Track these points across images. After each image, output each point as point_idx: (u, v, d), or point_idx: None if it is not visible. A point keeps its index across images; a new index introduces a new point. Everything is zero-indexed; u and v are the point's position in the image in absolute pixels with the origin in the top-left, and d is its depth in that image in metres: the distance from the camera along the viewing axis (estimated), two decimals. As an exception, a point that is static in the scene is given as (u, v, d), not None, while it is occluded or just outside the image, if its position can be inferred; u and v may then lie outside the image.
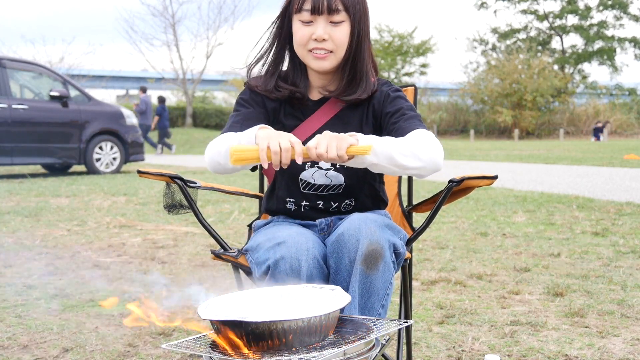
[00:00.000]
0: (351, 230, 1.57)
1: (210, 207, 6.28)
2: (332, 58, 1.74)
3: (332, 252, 1.59)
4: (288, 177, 1.82)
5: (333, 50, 1.73)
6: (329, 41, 1.71)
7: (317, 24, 1.71)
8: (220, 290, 2.91)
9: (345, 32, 1.72)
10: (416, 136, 1.64)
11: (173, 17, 28.24)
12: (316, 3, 1.69)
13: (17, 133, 9.91)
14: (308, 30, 1.72)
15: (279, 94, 1.80)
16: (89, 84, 33.13)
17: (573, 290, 3.08)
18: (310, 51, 1.73)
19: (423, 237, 4.48)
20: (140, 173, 1.87)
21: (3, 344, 2.40)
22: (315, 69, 1.76)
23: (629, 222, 5.08)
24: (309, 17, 1.70)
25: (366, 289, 1.58)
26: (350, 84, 1.78)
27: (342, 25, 1.71)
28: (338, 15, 1.70)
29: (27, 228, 5.14)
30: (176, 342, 1.32)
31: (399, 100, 1.79)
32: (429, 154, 1.60)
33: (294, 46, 1.77)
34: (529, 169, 11.76)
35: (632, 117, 38.11)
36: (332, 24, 1.71)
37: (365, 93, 1.78)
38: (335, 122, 1.81)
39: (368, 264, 1.55)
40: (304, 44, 1.73)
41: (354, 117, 1.82)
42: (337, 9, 1.69)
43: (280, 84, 1.81)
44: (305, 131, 1.80)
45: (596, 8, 44.28)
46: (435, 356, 2.27)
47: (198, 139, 25.29)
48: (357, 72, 1.77)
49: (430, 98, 42.34)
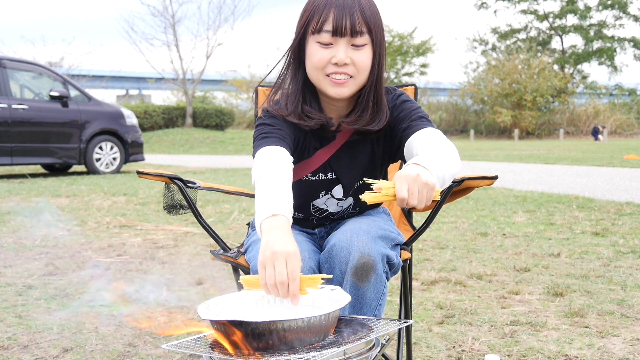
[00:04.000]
0: (342, 242, 1.54)
1: (210, 207, 6.28)
2: (352, 84, 1.60)
3: (324, 262, 1.59)
4: (301, 200, 1.73)
5: (354, 75, 1.59)
6: (351, 65, 1.58)
7: (337, 47, 1.56)
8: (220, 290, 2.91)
9: (368, 56, 1.59)
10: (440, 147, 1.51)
11: (173, 17, 28.22)
12: (339, 24, 1.54)
13: (17, 133, 9.91)
14: (327, 53, 1.57)
15: (308, 122, 1.64)
16: (89, 84, 33.13)
17: (573, 290, 3.08)
18: (328, 75, 1.59)
19: (423, 237, 4.48)
20: (140, 174, 1.87)
21: (3, 344, 2.40)
22: (332, 95, 1.61)
23: (629, 222, 5.08)
24: (329, 39, 1.56)
25: (357, 300, 1.57)
26: (375, 115, 1.65)
27: (364, 49, 1.58)
28: (361, 37, 1.56)
29: (27, 228, 5.14)
30: (176, 342, 1.32)
31: (405, 104, 1.68)
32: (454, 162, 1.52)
33: (308, 69, 1.63)
34: (529, 169, 11.76)
35: (632, 117, 38.13)
36: (353, 47, 1.57)
37: (381, 124, 1.65)
38: (344, 153, 1.72)
39: (359, 276, 1.53)
40: (322, 68, 1.58)
41: (365, 148, 1.72)
42: (361, 31, 1.56)
43: (307, 110, 1.65)
44: (315, 162, 1.72)
45: (596, 8, 44.29)
46: (435, 356, 2.27)
47: (198, 139, 25.28)
48: (379, 100, 1.65)
49: (430, 98, 42.33)
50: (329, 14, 1.55)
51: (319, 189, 1.75)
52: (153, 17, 34.72)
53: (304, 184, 1.74)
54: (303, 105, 1.66)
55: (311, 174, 1.73)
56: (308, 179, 1.73)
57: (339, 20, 1.54)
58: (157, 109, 29.90)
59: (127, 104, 36.51)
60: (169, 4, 28.34)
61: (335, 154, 1.71)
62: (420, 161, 1.39)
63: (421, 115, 1.64)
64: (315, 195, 1.75)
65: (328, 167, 1.73)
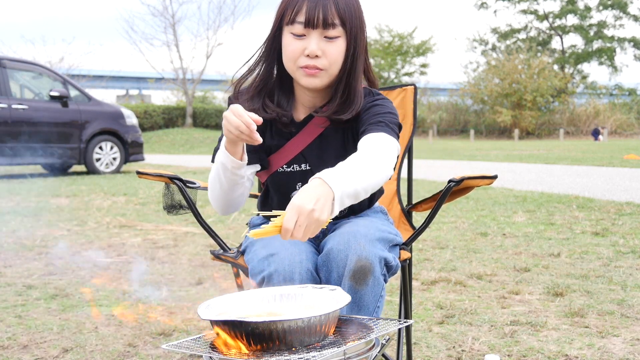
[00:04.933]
0: (340, 246, 1.54)
1: (210, 207, 6.27)
2: (324, 76, 1.62)
3: (322, 265, 1.58)
4: (279, 194, 1.78)
5: (326, 67, 1.61)
6: (323, 57, 1.60)
7: (310, 39, 1.58)
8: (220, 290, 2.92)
9: (341, 49, 1.61)
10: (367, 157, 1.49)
11: (173, 17, 28.23)
12: (311, 15, 1.56)
13: (17, 133, 9.90)
14: (300, 45, 1.59)
15: (266, 115, 1.68)
16: (89, 84, 33.13)
17: (573, 290, 3.08)
18: (301, 67, 1.61)
19: (423, 237, 4.48)
20: (139, 174, 1.87)
21: (3, 344, 2.40)
22: (305, 86, 1.65)
23: (629, 222, 5.08)
24: (301, 31, 1.58)
25: (355, 303, 1.56)
26: (343, 104, 1.67)
27: (337, 41, 1.60)
28: (334, 30, 1.58)
29: (27, 228, 5.14)
30: (176, 342, 1.32)
31: (374, 108, 1.67)
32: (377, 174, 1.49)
33: (284, 60, 1.65)
34: (529, 169, 11.76)
35: (632, 117, 38.13)
36: (326, 39, 1.59)
37: (349, 115, 1.66)
38: (317, 144, 1.73)
39: (357, 279, 1.53)
40: (295, 59, 1.61)
41: (337, 137, 1.73)
42: (333, 23, 1.57)
43: (267, 103, 1.70)
44: (289, 152, 1.74)
45: (596, 8, 44.30)
46: (435, 356, 2.27)
47: (198, 139, 25.29)
48: (350, 91, 1.66)
49: (430, 98, 42.36)
50: (302, 5, 1.58)
51: (295, 180, 1.76)
52: (153, 17, 34.79)
53: (281, 176, 1.76)
54: (265, 98, 1.70)
55: (286, 164, 1.75)
56: (284, 170, 1.75)
57: (311, 12, 1.56)
58: (157, 109, 29.92)
59: (127, 104, 36.53)
60: (169, 4, 28.40)
61: (310, 145, 1.73)
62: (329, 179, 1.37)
63: (380, 120, 1.62)
64: (292, 187, 1.76)
65: (302, 158, 1.74)
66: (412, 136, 2.15)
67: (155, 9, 30.74)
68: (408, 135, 2.15)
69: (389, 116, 1.64)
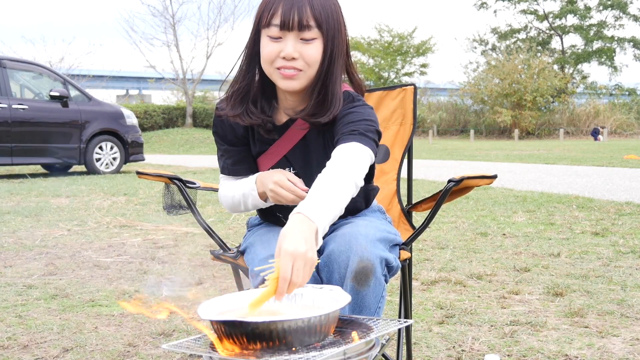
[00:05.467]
0: (341, 247, 1.55)
1: (210, 207, 6.28)
2: (302, 77, 1.61)
3: (323, 266, 1.58)
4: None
5: (303, 69, 1.60)
6: (299, 60, 1.59)
7: (286, 41, 1.58)
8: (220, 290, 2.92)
9: (317, 51, 1.60)
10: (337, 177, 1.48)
11: (173, 17, 28.21)
12: (286, 18, 1.56)
13: (17, 133, 9.91)
14: (276, 47, 1.59)
15: (250, 120, 1.69)
16: (89, 84, 33.11)
17: (573, 290, 3.08)
18: (278, 69, 1.60)
19: (423, 237, 4.48)
20: (139, 174, 1.87)
21: (3, 344, 2.40)
22: (283, 88, 1.64)
23: (628, 222, 5.08)
24: (277, 33, 1.58)
25: (357, 304, 1.57)
26: (319, 106, 1.65)
27: (313, 43, 1.59)
28: (309, 32, 1.58)
29: (27, 228, 5.14)
30: (176, 342, 1.32)
31: (348, 116, 1.64)
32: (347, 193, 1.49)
33: (262, 63, 1.65)
34: (529, 169, 11.76)
35: (631, 117, 38.09)
36: (302, 41, 1.58)
37: (328, 117, 1.64)
38: (300, 147, 1.73)
39: (358, 280, 1.53)
40: (271, 62, 1.60)
41: (318, 141, 1.73)
42: (308, 25, 1.57)
43: (251, 109, 1.70)
44: (272, 158, 1.75)
45: (596, 8, 44.26)
46: (435, 356, 2.27)
47: (198, 139, 25.29)
48: (327, 93, 1.64)
49: (430, 98, 42.32)
50: (277, 8, 1.57)
51: None
52: (153, 17, 34.76)
53: None
54: (248, 104, 1.70)
55: (272, 168, 1.75)
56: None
57: (287, 15, 1.56)
58: (157, 109, 29.90)
59: (127, 104, 36.51)
60: (169, 4, 28.34)
61: (293, 148, 1.73)
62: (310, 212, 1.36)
63: (353, 129, 1.60)
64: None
65: (286, 162, 1.75)
66: (412, 136, 2.15)
67: (155, 9, 30.60)
68: (408, 135, 2.15)
69: (363, 124, 1.61)
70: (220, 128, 1.78)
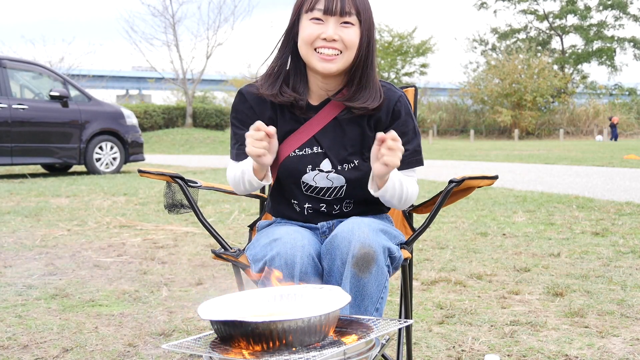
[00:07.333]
0: (344, 233, 1.57)
1: (210, 207, 6.28)
2: (340, 61, 1.70)
3: (326, 253, 1.60)
4: (290, 180, 1.81)
5: (342, 50, 1.69)
6: (339, 42, 1.69)
7: (327, 24, 1.68)
8: (220, 290, 2.92)
9: (356, 35, 1.70)
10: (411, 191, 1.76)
11: (173, 17, 28.20)
12: (329, 3, 1.67)
13: (17, 133, 9.90)
14: (317, 29, 1.69)
15: (283, 98, 1.77)
16: (89, 84, 33.14)
17: (573, 290, 3.08)
18: (316, 50, 1.69)
19: (423, 237, 4.48)
20: (141, 172, 1.87)
21: (3, 344, 2.40)
22: (320, 71, 1.71)
23: (629, 222, 5.08)
24: (320, 16, 1.68)
25: (359, 291, 1.58)
26: (359, 91, 1.74)
27: (352, 28, 1.69)
28: (350, 17, 1.69)
29: (27, 228, 5.14)
30: (176, 342, 1.32)
31: (409, 122, 1.79)
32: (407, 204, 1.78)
33: (299, 44, 1.73)
34: (529, 169, 11.76)
35: (632, 117, 38.11)
36: (342, 25, 1.69)
37: (376, 102, 1.74)
38: (332, 127, 1.78)
39: (360, 266, 1.55)
40: (311, 42, 1.69)
41: (354, 127, 1.78)
42: (349, 12, 1.68)
43: (284, 88, 1.77)
44: (303, 136, 1.78)
45: (596, 8, 44.28)
46: (435, 356, 2.27)
47: (198, 139, 25.29)
48: (367, 79, 1.74)
49: (430, 98, 42.36)
50: None
51: (306, 164, 1.79)
52: (153, 17, 34.73)
53: (292, 160, 1.79)
54: (282, 84, 1.78)
55: (298, 148, 1.78)
56: (295, 154, 1.79)
57: (330, 1, 1.67)
58: (157, 109, 29.91)
59: (127, 104, 36.50)
60: (169, 4, 28.33)
61: (323, 128, 1.78)
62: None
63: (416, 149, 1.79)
64: (303, 170, 1.79)
65: (314, 141, 1.79)
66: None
67: (155, 9, 30.62)
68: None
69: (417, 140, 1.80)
70: (243, 110, 1.82)
